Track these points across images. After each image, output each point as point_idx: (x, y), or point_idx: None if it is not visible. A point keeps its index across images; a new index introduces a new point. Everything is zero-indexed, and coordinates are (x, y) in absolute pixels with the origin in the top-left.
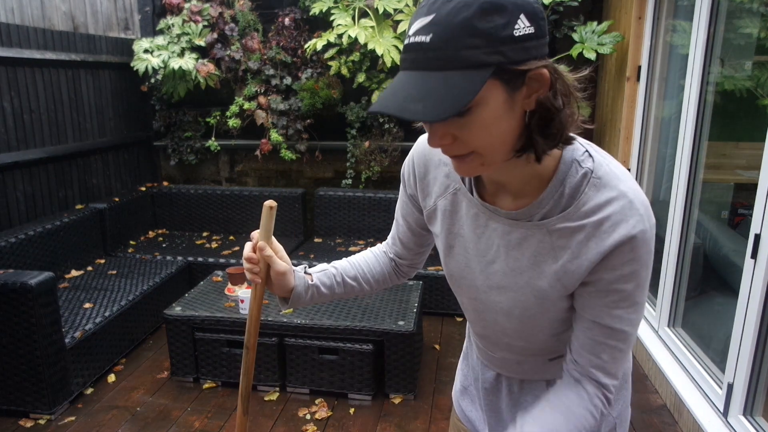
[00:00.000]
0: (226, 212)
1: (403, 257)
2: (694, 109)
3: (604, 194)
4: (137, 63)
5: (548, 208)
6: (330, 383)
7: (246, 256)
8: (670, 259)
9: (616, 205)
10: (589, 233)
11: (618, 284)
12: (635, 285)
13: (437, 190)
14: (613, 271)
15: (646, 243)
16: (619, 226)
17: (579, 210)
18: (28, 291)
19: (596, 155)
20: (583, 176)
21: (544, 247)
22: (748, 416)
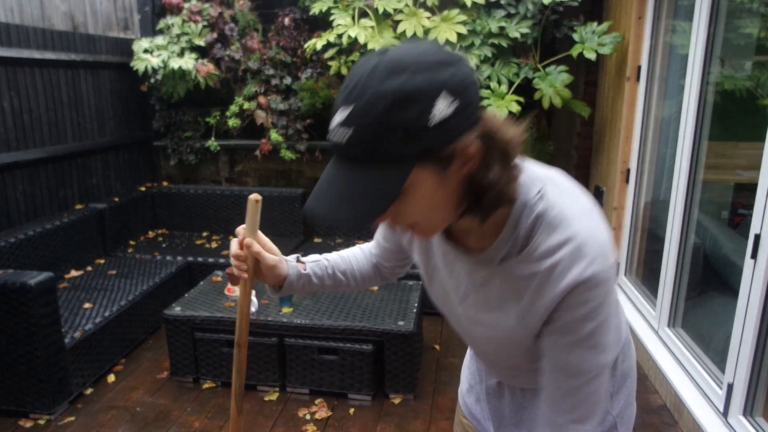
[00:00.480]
0: (226, 212)
1: (385, 266)
2: (694, 109)
3: (555, 238)
4: (137, 63)
5: (506, 252)
6: (330, 383)
7: (233, 254)
8: (670, 259)
9: (566, 250)
10: (542, 279)
11: (575, 324)
12: (594, 326)
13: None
14: (568, 312)
15: (600, 284)
16: (570, 272)
17: (532, 254)
18: (28, 291)
19: (549, 194)
20: (535, 219)
21: (507, 289)
22: (748, 416)
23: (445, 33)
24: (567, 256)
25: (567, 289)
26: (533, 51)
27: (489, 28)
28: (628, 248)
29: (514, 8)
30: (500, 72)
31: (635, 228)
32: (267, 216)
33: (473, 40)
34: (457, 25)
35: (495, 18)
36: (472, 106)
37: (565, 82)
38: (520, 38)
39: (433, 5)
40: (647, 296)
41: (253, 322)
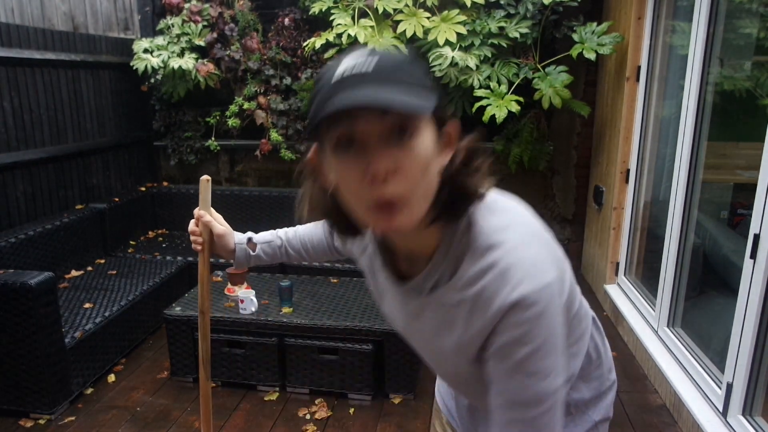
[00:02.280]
0: (225, 212)
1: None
2: (693, 109)
3: (479, 265)
4: (137, 62)
5: (436, 279)
6: (330, 383)
7: (190, 230)
8: (669, 259)
9: (489, 276)
10: (471, 307)
11: (509, 348)
12: (531, 350)
13: (356, 250)
14: (500, 336)
15: (530, 306)
16: (496, 297)
17: (459, 282)
18: (28, 291)
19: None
20: (463, 245)
21: (439, 318)
22: (747, 416)
23: (445, 33)
24: (492, 281)
25: (497, 314)
26: (533, 51)
27: (489, 28)
28: (627, 248)
29: (514, 8)
30: (500, 72)
31: (635, 228)
32: (267, 216)
33: (473, 40)
34: (457, 25)
35: (495, 18)
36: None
37: (565, 83)
38: (520, 38)
39: (432, 5)
40: (647, 296)
41: (252, 322)
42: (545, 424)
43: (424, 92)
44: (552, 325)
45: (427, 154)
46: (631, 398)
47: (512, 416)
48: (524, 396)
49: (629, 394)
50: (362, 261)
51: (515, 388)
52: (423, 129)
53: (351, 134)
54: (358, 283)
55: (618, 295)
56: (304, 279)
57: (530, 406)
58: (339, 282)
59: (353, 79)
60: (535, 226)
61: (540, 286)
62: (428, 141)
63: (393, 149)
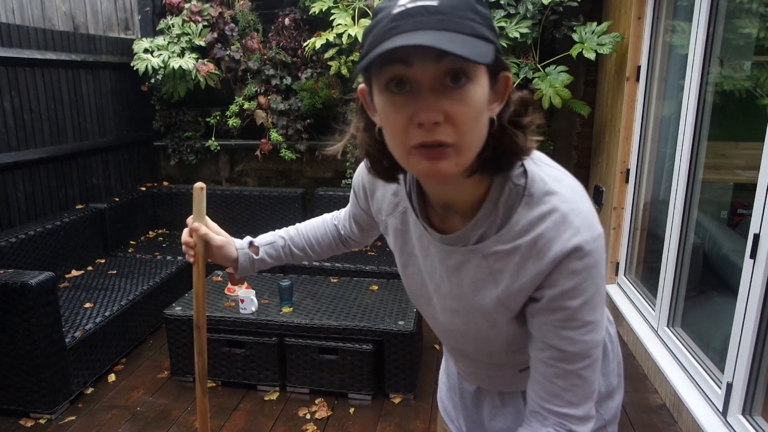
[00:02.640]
0: (226, 212)
1: (353, 236)
2: (693, 109)
3: (536, 211)
4: (137, 63)
5: (483, 231)
6: (330, 383)
7: (184, 241)
8: (669, 259)
9: (549, 221)
10: (525, 254)
11: (562, 301)
12: (582, 302)
13: (386, 209)
14: (554, 287)
15: (587, 255)
16: (554, 243)
17: (512, 230)
18: (28, 291)
19: (532, 169)
20: (516, 194)
21: (482, 272)
22: (747, 416)
23: None
24: (551, 228)
25: (554, 260)
26: (533, 51)
27: None
28: (627, 248)
29: (514, 8)
30: None
31: (635, 228)
32: (267, 216)
33: None
34: None
35: (495, 18)
36: None
37: (565, 82)
38: (520, 38)
39: None
40: (647, 296)
41: (253, 322)
42: (588, 377)
43: (486, 37)
44: (600, 277)
45: (479, 103)
46: (631, 398)
47: (559, 369)
48: (572, 349)
49: (629, 394)
50: (390, 222)
51: (564, 341)
52: (479, 76)
53: (404, 76)
54: (358, 283)
55: (618, 294)
56: (304, 279)
57: (577, 359)
58: (339, 282)
59: (416, 12)
60: (579, 185)
61: (595, 236)
62: (482, 89)
63: (445, 96)
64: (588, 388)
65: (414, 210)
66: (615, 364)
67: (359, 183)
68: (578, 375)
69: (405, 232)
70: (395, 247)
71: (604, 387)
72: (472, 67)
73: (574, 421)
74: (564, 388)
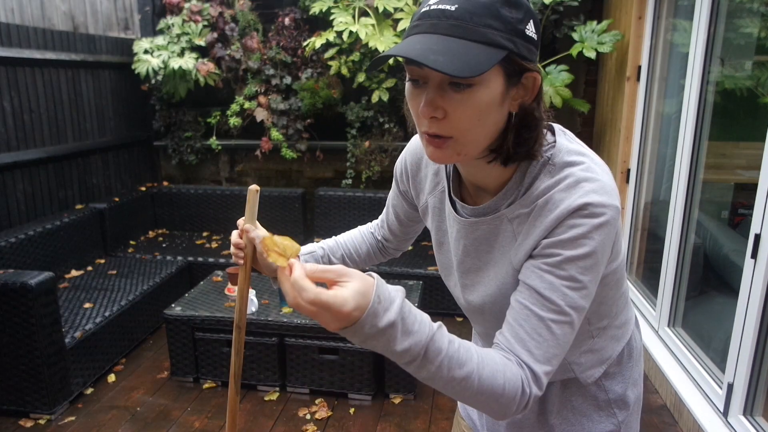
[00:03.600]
0: (226, 212)
1: (390, 241)
2: (694, 109)
3: (555, 178)
4: (137, 65)
5: (512, 200)
6: (330, 383)
7: (234, 242)
8: (670, 259)
9: (563, 185)
10: (537, 213)
11: (554, 248)
12: (574, 254)
13: (428, 188)
14: (552, 237)
15: (592, 215)
16: (563, 202)
17: (531, 195)
18: (28, 291)
19: (560, 141)
20: (542, 165)
21: (507, 236)
22: (748, 416)
23: None
24: (563, 189)
25: (559, 216)
26: None
27: None
28: (628, 248)
29: None
30: None
31: (635, 228)
32: (267, 216)
33: None
34: None
35: None
36: (538, 51)
37: (565, 82)
38: None
39: None
40: (647, 296)
41: (253, 322)
42: (558, 335)
43: (498, 44)
44: (604, 244)
45: (483, 105)
46: None
47: (531, 313)
48: (550, 295)
49: None
50: (430, 200)
51: (544, 284)
52: (486, 81)
53: (417, 73)
54: None
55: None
56: None
57: (551, 308)
58: None
59: (435, 15)
60: (602, 161)
61: (607, 201)
62: (490, 92)
63: (448, 96)
64: (554, 348)
65: (448, 188)
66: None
67: (402, 166)
68: (548, 327)
69: (442, 211)
70: (432, 225)
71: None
72: (474, 79)
73: (531, 375)
74: (529, 334)
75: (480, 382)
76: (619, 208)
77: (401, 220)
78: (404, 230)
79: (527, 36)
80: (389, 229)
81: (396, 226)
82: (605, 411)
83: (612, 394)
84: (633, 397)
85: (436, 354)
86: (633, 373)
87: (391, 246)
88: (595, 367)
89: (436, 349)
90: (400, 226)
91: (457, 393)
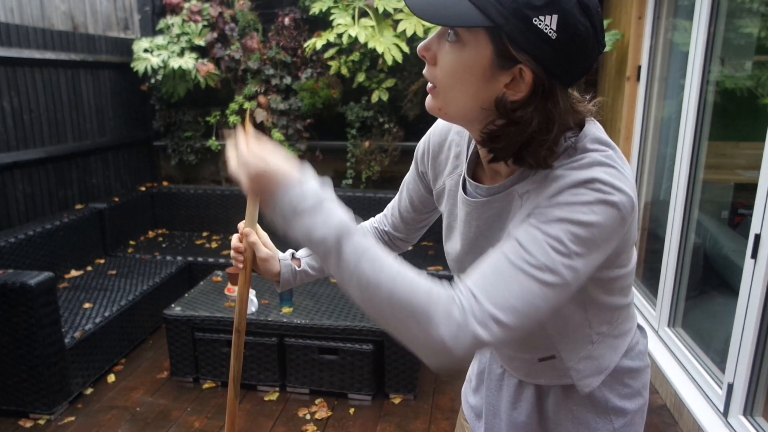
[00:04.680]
0: (226, 212)
1: (399, 230)
2: (694, 109)
3: (571, 158)
4: (137, 63)
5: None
6: (330, 383)
7: (233, 246)
8: (670, 259)
9: (576, 164)
10: (544, 184)
11: (549, 208)
12: (567, 217)
13: (448, 170)
14: (547, 200)
15: (599, 190)
16: (571, 175)
17: (548, 175)
18: (27, 291)
19: (588, 128)
20: (563, 149)
21: (517, 210)
22: (748, 416)
23: None
24: (575, 166)
25: (563, 185)
26: None
27: None
28: None
29: None
30: None
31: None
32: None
33: None
34: None
35: None
36: (565, 54)
37: None
38: None
39: None
40: (647, 296)
41: (253, 322)
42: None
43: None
44: (607, 227)
45: (463, 65)
46: None
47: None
48: (529, 246)
49: None
50: (448, 182)
51: (525, 235)
52: (472, 43)
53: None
54: None
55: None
56: None
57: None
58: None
59: None
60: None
61: (621, 186)
62: (471, 56)
63: (442, 43)
64: (514, 299)
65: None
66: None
67: (425, 145)
68: (515, 274)
69: (456, 194)
70: (446, 207)
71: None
72: (464, 31)
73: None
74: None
75: (395, 289)
76: (635, 204)
77: (415, 205)
78: (417, 218)
79: (533, 25)
80: (401, 217)
81: (409, 212)
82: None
83: (610, 403)
84: (633, 406)
85: (355, 250)
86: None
87: (401, 236)
88: (593, 376)
89: (357, 245)
90: (413, 212)
91: (369, 301)
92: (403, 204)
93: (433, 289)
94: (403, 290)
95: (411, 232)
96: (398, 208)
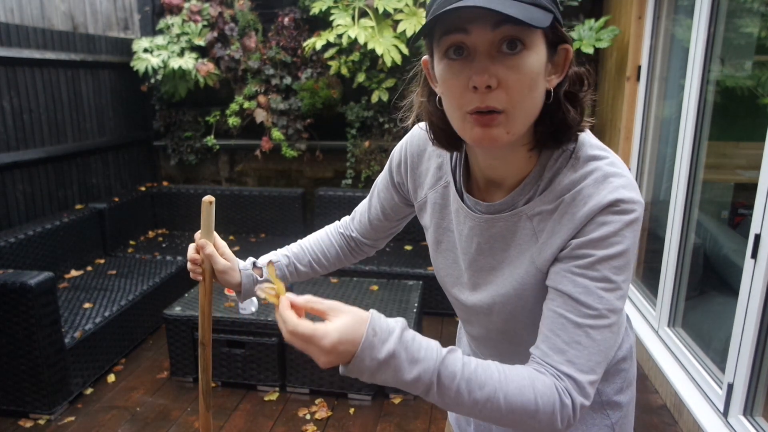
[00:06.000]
0: (225, 212)
1: (367, 236)
2: (694, 109)
3: (579, 172)
4: (137, 63)
5: (530, 195)
6: (330, 383)
7: (190, 257)
8: (670, 259)
9: (590, 179)
10: (563, 210)
11: (586, 249)
12: (607, 254)
13: (429, 182)
14: (582, 236)
15: (623, 212)
16: (592, 198)
17: (555, 190)
18: (27, 291)
19: (582, 136)
20: (564, 158)
21: (526, 234)
22: (748, 416)
23: None
24: (591, 185)
25: (588, 213)
26: None
27: None
28: None
29: None
30: None
31: None
32: (267, 216)
33: None
34: None
35: None
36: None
37: None
38: None
39: None
40: (647, 296)
41: (253, 322)
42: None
43: (546, 6)
44: (634, 242)
45: (534, 72)
46: None
47: (567, 321)
48: (585, 299)
49: None
50: (431, 196)
51: (579, 289)
52: (536, 45)
53: (462, 42)
54: (358, 283)
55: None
56: None
57: (588, 313)
58: (339, 282)
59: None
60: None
61: (636, 198)
62: (539, 58)
63: (500, 62)
64: (596, 355)
65: (455, 183)
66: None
67: (401, 156)
68: (587, 333)
69: (444, 207)
70: (431, 222)
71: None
72: (529, 35)
73: (571, 383)
74: (568, 343)
75: (507, 401)
76: (643, 202)
77: (387, 214)
78: (387, 225)
79: (562, 5)
80: (370, 224)
81: (380, 220)
82: (599, 413)
83: (605, 396)
84: (626, 399)
85: (451, 378)
86: (628, 375)
87: (368, 243)
88: None
89: (450, 374)
90: (384, 220)
91: (486, 417)
92: (373, 211)
93: (536, 387)
94: (511, 402)
95: (379, 239)
96: (368, 215)
